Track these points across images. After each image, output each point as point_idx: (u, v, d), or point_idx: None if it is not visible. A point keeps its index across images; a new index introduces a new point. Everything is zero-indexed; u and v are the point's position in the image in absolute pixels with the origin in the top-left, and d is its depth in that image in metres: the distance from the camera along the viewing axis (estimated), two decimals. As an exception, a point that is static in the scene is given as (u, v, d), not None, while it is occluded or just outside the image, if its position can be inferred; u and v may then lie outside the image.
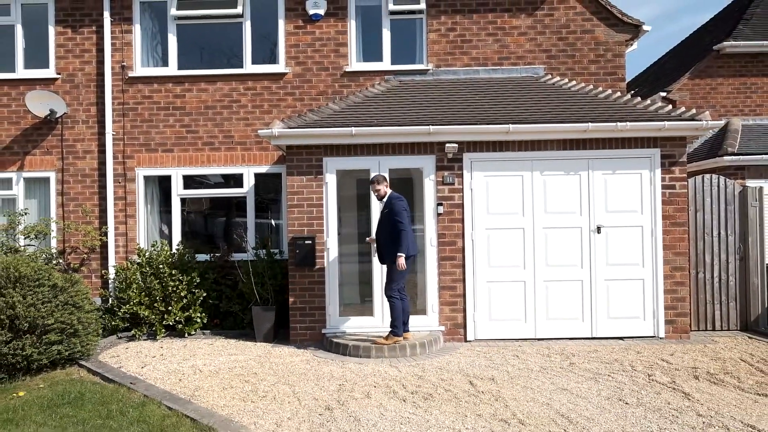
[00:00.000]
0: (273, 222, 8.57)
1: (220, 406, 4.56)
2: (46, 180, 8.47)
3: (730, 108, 11.61)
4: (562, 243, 6.83)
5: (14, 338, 5.31)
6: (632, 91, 15.10)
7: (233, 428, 4.04)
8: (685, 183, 6.85)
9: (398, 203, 6.12)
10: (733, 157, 9.85)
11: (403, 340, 6.24)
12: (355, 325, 6.87)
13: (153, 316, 7.24)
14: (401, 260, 5.98)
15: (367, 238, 6.81)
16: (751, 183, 9.68)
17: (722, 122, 7.05)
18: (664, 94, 11.69)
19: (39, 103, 8.08)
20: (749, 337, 6.80)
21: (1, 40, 8.50)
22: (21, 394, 4.90)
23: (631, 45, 8.58)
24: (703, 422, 4.04)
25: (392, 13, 8.36)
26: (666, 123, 6.56)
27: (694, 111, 6.82)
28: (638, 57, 45.43)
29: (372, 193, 6.46)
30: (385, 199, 6.26)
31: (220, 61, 8.60)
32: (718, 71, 11.65)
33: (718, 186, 7.29)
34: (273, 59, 8.47)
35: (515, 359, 5.89)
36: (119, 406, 4.50)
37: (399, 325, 6.19)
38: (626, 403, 4.46)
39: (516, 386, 4.95)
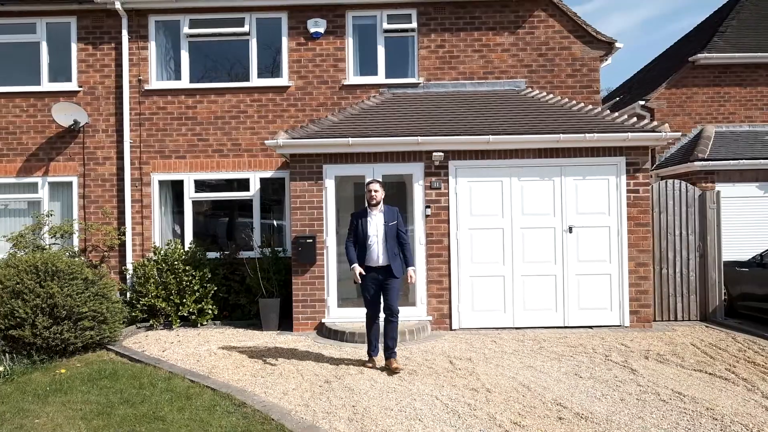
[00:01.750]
0: (276, 222, 9.34)
1: (235, 380, 5.33)
2: (69, 184, 9.25)
3: (705, 116, 12.36)
4: (538, 242, 7.60)
5: (54, 324, 6.09)
6: (617, 98, 15.98)
7: (247, 395, 4.81)
8: (648, 188, 7.61)
9: (401, 216, 5.88)
10: (704, 163, 10.61)
11: None
12: (352, 316, 7.62)
13: (169, 308, 8.01)
14: (412, 271, 5.73)
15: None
16: (721, 186, 10.43)
17: (679, 134, 7.81)
18: (643, 102, 12.44)
19: (63, 114, 8.86)
20: (706, 326, 7.56)
21: (27, 56, 9.28)
22: (63, 371, 5.68)
23: (606, 60, 9.36)
24: (640, 390, 4.82)
25: (386, 31, 9.14)
26: (629, 134, 7.33)
27: (655, 123, 7.59)
28: (635, 58, 46.20)
29: (371, 194, 5.71)
30: (381, 209, 5.73)
31: (229, 75, 9.40)
32: (693, 81, 12.39)
33: (680, 190, 8.05)
34: (277, 73, 9.26)
35: (493, 344, 6.66)
36: (149, 380, 5.28)
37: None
38: (580, 377, 5.23)
39: (489, 364, 5.72)
